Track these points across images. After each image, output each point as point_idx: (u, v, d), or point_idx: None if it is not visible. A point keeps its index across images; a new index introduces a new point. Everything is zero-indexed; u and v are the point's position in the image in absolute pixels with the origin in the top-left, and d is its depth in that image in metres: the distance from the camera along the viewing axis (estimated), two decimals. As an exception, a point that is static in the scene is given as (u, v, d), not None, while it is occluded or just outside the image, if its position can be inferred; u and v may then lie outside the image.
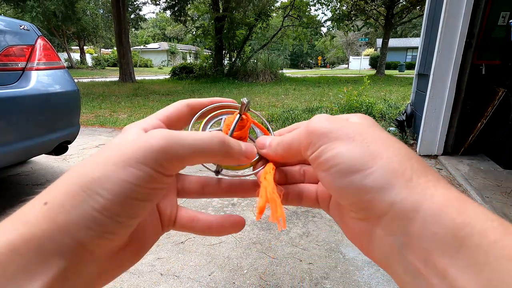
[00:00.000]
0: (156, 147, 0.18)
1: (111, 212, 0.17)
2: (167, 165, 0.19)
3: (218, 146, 0.21)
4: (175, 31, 50.71)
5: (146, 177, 0.18)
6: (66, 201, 0.17)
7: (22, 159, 2.05)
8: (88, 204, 0.17)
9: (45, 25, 25.20)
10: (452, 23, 2.83)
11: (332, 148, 0.21)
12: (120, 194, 0.17)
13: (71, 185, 0.18)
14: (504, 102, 2.83)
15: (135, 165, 0.18)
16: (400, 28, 41.07)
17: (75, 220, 0.17)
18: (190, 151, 0.20)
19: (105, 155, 0.19)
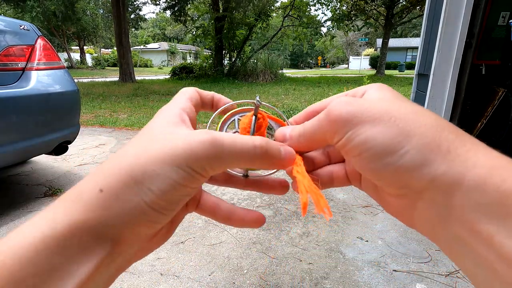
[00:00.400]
0: (205, 153, 0.20)
1: (158, 206, 0.19)
2: (211, 170, 0.21)
3: (261, 153, 0.22)
4: (175, 31, 50.72)
5: (192, 178, 0.20)
6: (120, 191, 0.19)
7: (22, 159, 2.05)
8: (140, 197, 0.19)
9: (45, 25, 25.19)
10: (452, 23, 2.83)
11: (359, 133, 0.20)
12: (167, 191, 0.19)
13: (124, 176, 0.19)
14: (504, 102, 2.83)
15: (184, 167, 0.19)
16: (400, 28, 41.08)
17: (127, 210, 0.19)
18: (235, 159, 0.21)
19: (157, 148, 0.20)
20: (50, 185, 2.47)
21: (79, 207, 0.18)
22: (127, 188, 0.19)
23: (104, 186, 0.19)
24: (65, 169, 2.84)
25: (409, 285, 1.41)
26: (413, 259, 1.59)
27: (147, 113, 5.77)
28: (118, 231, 0.19)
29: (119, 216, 0.18)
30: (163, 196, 0.19)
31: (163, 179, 0.19)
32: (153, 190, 0.19)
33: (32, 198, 2.26)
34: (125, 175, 0.19)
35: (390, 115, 0.19)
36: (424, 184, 0.18)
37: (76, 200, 0.19)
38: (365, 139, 0.19)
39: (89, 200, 0.18)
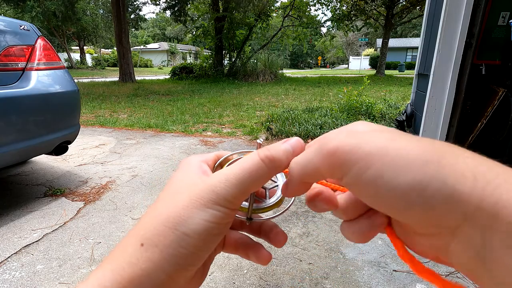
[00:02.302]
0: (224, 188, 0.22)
1: (196, 248, 0.21)
2: (235, 201, 0.22)
3: (269, 161, 0.22)
4: (175, 31, 50.70)
5: (221, 214, 0.21)
6: (159, 242, 0.20)
7: (22, 159, 2.05)
8: (177, 243, 0.20)
9: (45, 25, 25.19)
10: (452, 23, 2.83)
11: (367, 168, 0.17)
12: (202, 231, 0.21)
13: (161, 227, 0.21)
14: (504, 102, 2.83)
15: (211, 206, 0.21)
16: (400, 28, 41.09)
17: (167, 257, 0.20)
18: (251, 181, 0.22)
19: (185, 197, 0.22)
20: (50, 185, 2.47)
21: (126, 264, 0.20)
22: (164, 237, 0.20)
23: (144, 240, 0.21)
24: (65, 169, 2.84)
25: (409, 285, 1.41)
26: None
27: (147, 113, 5.78)
28: (161, 281, 0.20)
29: (160, 264, 0.20)
30: (199, 236, 0.21)
31: (196, 221, 0.21)
32: (188, 234, 0.20)
33: (32, 198, 2.26)
34: (162, 224, 0.21)
35: (397, 146, 0.17)
36: (458, 220, 0.16)
37: (122, 257, 0.21)
38: (378, 173, 0.17)
39: (133, 255, 0.20)
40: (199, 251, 0.21)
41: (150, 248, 0.20)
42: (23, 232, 1.82)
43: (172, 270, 0.20)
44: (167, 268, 0.20)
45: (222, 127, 4.68)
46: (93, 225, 1.91)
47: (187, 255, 0.20)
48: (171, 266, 0.20)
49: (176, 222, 0.21)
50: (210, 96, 8.26)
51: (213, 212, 0.21)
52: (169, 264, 0.20)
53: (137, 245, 0.21)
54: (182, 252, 0.20)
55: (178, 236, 0.20)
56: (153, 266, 0.20)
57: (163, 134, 4.23)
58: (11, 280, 1.44)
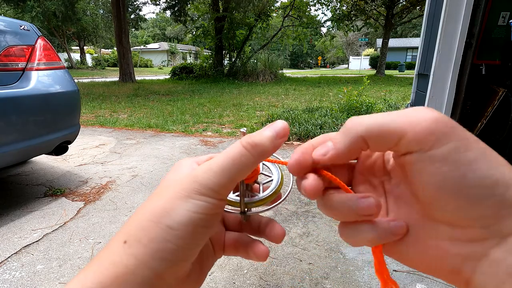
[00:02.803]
0: (203, 178, 0.21)
1: (182, 240, 0.20)
2: (220, 190, 0.21)
3: (246, 151, 0.21)
4: (175, 31, 50.70)
5: (206, 204, 0.20)
6: (142, 236, 0.20)
7: (22, 159, 2.05)
8: (162, 237, 0.19)
9: (45, 25, 25.19)
10: (452, 23, 2.83)
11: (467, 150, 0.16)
12: (187, 223, 0.20)
13: (145, 222, 0.20)
14: (504, 102, 2.83)
15: (194, 196, 0.20)
16: (400, 28, 41.09)
17: (152, 252, 0.19)
18: (235, 170, 0.21)
19: (170, 191, 0.21)
20: (50, 185, 2.47)
21: (109, 264, 0.19)
22: (148, 232, 0.20)
23: (127, 237, 0.20)
24: (65, 169, 2.84)
25: (410, 285, 1.41)
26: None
27: (147, 113, 5.78)
28: (147, 277, 0.19)
29: (145, 260, 0.19)
30: (184, 228, 0.20)
31: (180, 212, 0.20)
32: (173, 226, 0.20)
33: (32, 198, 2.26)
34: (145, 219, 0.20)
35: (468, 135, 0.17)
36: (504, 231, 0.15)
37: (106, 257, 0.20)
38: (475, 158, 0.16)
39: (117, 254, 0.20)
40: (187, 245, 0.20)
41: (134, 244, 0.19)
42: (23, 232, 1.82)
43: (158, 266, 0.19)
44: (153, 264, 0.19)
45: (222, 127, 4.68)
46: (93, 225, 1.91)
47: (173, 249, 0.19)
48: (156, 262, 0.19)
49: (160, 215, 0.20)
50: (210, 96, 8.26)
51: (197, 203, 0.20)
52: (154, 259, 0.19)
53: (120, 243, 0.20)
54: (168, 247, 0.19)
55: (163, 229, 0.19)
56: (137, 263, 0.19)
57: (163, 134, 4.23)
58: (11, 280, 1.44)
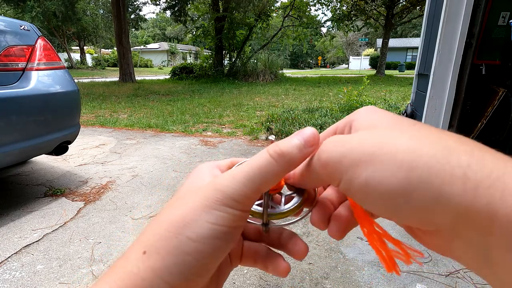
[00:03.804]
0: (227, 188, 0.20)
1: (201, 254, 0.19)
2: (244, 201, 0.20)
3: (273, 161, 0.20)
4: (175, 31, 50.71)
5: (229, 216, 0.19)
6: (161, 248, 0.19)
7: (22, 159, 2.05)
8: (181, 249, 0.19)
9: (45, 25, 25.19)
10: (452, 23, 2.83)
11: (356, 177, 0.17)
12: (208, 235, 0.19)
13: (163, 231, 0.19)
14: (504, 102, 2.83)
15: (217, 206, 0.19)
16: (400, 28, 41.09)
17: (169, 265, 0.18)
18: (259, 179, 0.20)
19: (191, 200, 0.20)
20: (50, 185, 2.47)
21: (126, 274, 0.19)
22: (167, 243, 0.19)
23: (146, 248, 0.19)
24: (65, 169, 2.84)
25: (409, 285, 1.41)
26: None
27: (147, 113, 5.78)
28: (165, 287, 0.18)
29: (161, 273, 0.18)
30: (204, 241, 0.19)
31: (200, 224, 0.19)
32: (193, 238, 0.19)
33: (32, 198, 2.26)
34: (164, 229, 0.19)
35: (384, 148, 0.17)
36: (451, 221, 0.15)
37: (123, 266, 0.19)
38: (365, 182, 0.17)
39: (134, 264, 0.19)
40: (206, 259, 0.19)
41: (153, 256, 0.19)
42: (23, 232, 1.82)
43: (175, 280, 0.18)
44: (169, 278, 0.18)
45: (222, 127, 4.68)
46: (93, 225, 1.91)
47: (192, 263, 0.19)
48: (174, 276, 0.18)
49: (180, 226, 0.19)
50: (210, 96, 8.26)
51: (220, 214, 0.19)
52: (171, 274, 0.18)
53: (140, 253, 0.19)
54: (186, 260, 0.18)
55: (182, 241, 0.19)
56: (154, 276, 0.18)
57: (163, 134, 4.23)
58: (11, 280, 1.44)
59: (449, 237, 0.16)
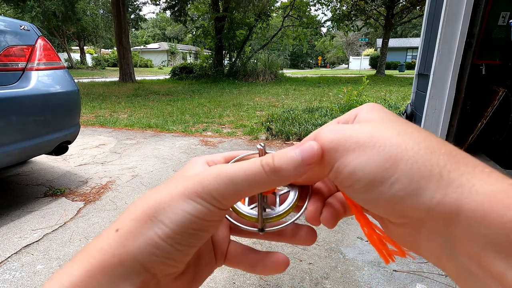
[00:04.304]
0: (213, 183, 0.20)
1: (173, 240, 0.19)
2: (222, 200, 0.20)
3: (265, 175, 0.20)
4: (175, 31, 50.71)
5: (204, 210, 0.20)
6: (134, 227, 0.19)
7: (23, 159, 2.05)
8: (153, 231, 0.19)
9: (45, 25, 25.20)
10: (452, 23, 2.83)
11: (346, 164, 0.19)
12: (180, 224, 0.19)
13: (139, 213, 0.20)
14: (504, 102, 2.83)
15: (194, 198, 0.19)
16: (400, 28, 41.10)
17: (142, 245, 0.19)
18: (245, 185, 0.20)
19: (172, 186, 0.21)
20: (50, 185, 2.47)
21: (96, 251, 0.19)
22: (141, 224, 0.19)
23: (120, 226, 0.19)
24: (65, 169, 2.84)
25: (409, 285, 1.41)
26: (413, 259, 1.59)
27: (147, 113, 5.78)
28: (135, 270, 0.19)
29: (134, 252, 0.18)
30: (176, 228, 0.19)
31: (175, 211, 0.19)
32: (166, 223, 0.19)
33: (32, 198, 2.26)
34: (140, 212, 0.20)
35: (375, 140, 0.18)
36: (422, 214, 0.17)
37: (95, 244, 0.19)
38: (353, 169, 0.18)
39: (106, 241, 0.19)
40: (177, 244, 0.19)
41: (124, 234, 0.19)
42: (23, 232, 1.82)
43: (147, 260, 0.19)
44: (142, 258, 0.18)
45: (222, 127, 4.68)
46: (93, 225, 1.91)
47: (164, 247, 0.19)
48: (145, 256, 0.18)
49: (156, 209, 0.19)
50: (210, 96, 8.26)
51: (195, 206, 0.19)
52: (143, 253, 0.18)
53: (112, 231, 0.19)
54: (158, 242, 0.19)
55: (155, 224, 0.19)
56: (125, 253, 0.18)
57: (163, 134, 4.23)
58: (11, 280, 1.44)
59: (416, 227, 0.18)
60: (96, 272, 0.18)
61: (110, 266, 0.18)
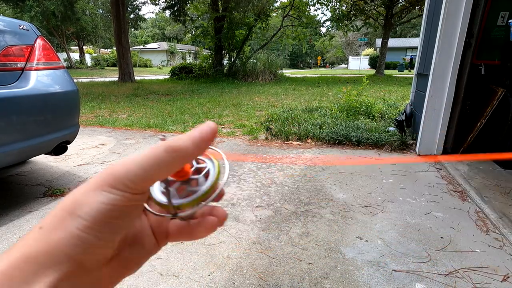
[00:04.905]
0: (118, 172, 0.21)
1: (93, 230, 0.20)
2: (133, 186, 0.21)
3: (167, 154, 0.22)
4: (175, 31, 50.64)
5: (117, 197, 0.21)
6: (56, 224, 0.20)
7: (22, 159, 2.04)
8: (73, 225, 0.20)
9: (44, 25, 25.15)
10: (451, 23, 2.83)
11: None
12: (97, 214, 0.20)
13: (59, 211, 0.21)
14: (503, 102, 2.83)
15: (107, 188, 0.21)
16: (399, 28, 41.12)
17: (64, 239, 0.20)
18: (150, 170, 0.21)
19: (85, 184, 0.22)
20: (49, 185, 2.47)
21: (22, 246, 0.20)
22: (62, 220, 0.20)
23: (43, 224, 0.21)
24: (65, 169, 2.84)
25: (409, 285, 1.42)
26: (412, 259, 1.59)
27: (146, 113, 5.77)
28: (60, 260, 0.20)
29: (57, 245, 0.20)
30: (93, 219, 0.20)
31: (90, 203, 0.21)
32: (82, 216, 0.20)
33: (32, 198, 2.25)
34: (60, 209, 0.21)
35: None
36: None
37: (21, 241, 0.21)
38: None
39: (31, 238, 0.20)
40: (98, 234, 0.20)
41: (48, 230, 0.20)
42: (22, 232, 1.82)
43: (71, 251, 0.20)
44: (65, 249, 0.20)
45: (222, 127, 4.67)
46: (93, 225, 1.90)
47: (85, 237, 0.20)
48: (69, 247, 0.20)
49: (72, 206, 0.21)
50: (210, 96, 8.25)
51: (107, 195, 0.21)
52: (66, 245, 0.20)
53: (36, 229, 0.21)
54: (79, 234, 0.20)
55: (74, 219, 0.20)
56: (49, 246, 0.20)
57: (162, 134, 4.22)
58: (10, 280, 1.43)
59: None
60: (20, 262, 0.19)
61: (35, 256, 0.19)
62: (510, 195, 2.26)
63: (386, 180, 2.60)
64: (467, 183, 2.44)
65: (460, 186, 2.45)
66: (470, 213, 2.05)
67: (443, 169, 2.85)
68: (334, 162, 3.09)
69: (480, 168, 2.78)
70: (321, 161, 3.10)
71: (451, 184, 2.51)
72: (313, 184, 2.53)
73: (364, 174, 2.73)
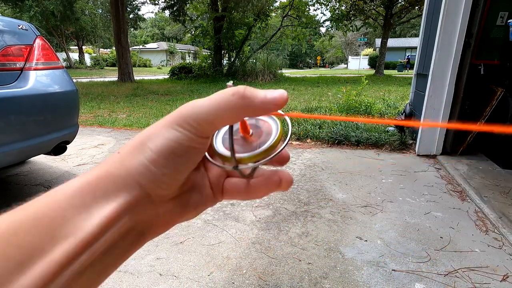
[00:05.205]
0: (186, 112, 0.23)
1: (157, 163, 0.22)
2: (198, 126, 0.23)
3: (233, 98, 0.22)
4: (174, 31, 50.60)
5: (182, 136, 0.22)
6: (130, 151, 0.23)
7: (21, 159, 2.04)
8: (143, 155, 0.22)
9: (44, 25, 25.11)
10: (450, 23, 2.84)
11: None
12: (163, 149, 0.22)
13: (135, 140, 0.24)
14: (503, 102, 2.84)
15: (174, 126, 0.23)
16: (399, 28, 41.15)
17: (135, 165, 0.22)
18: (215, 113, 0.22)
19: (164, 119, 0.24)
20: (48, 185, 2.47)
21: (104, 165, 0.23)
22: (136, 148, 0.23)
23: (121, 150, 0.24)
24: (64, 169, 2.84)
25: (408, 284, 1.42)
26: (412, 259, 1.59)
27: (146, 113, 5.77)
28: (131, 184, 0.22)
29: (129, 169, 0.22)
30: (159, 152, 0.22)
31: (159, 138, 0.22)
32: (151, 148, 0.22)
33: (31, 198, 2.25)
34: (136, 139, 0.24)
35: None
36: None
37: (104, 161, 0.23)
38: None
39: (111, 159, 0.23)
40: (162, 168, 0.22)
41: (124, 155, 0.23)
42: (21, 232, 1.82)
43: (141, 179, 0.22)
44: (136, 175, 0.22)
45: (221, 127, 4.67)
46: (92, 225, 1.90)
47: (151, 169, 0.22)
48: (139, 175, 0.22)
49: (146, 137, 0.23)
50: (209, 96, 8.24)
51: (174, 132, 0.22)
52: (137, 172, 0.22)
53: (116, 153, 0.23)
54: (146, 165, 0.22)
55: (145, 150, 0.22)
56: (123, 169, 0.22)
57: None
58: (9, 280, 1.43)
59: None
60: (104, 177, 0.22)
61: (113, 175, 0.22)
62: (510, 195, 2.26)
63: (386, 180, 2.60)
64: (467, 183, 2.45)
65: (459, 186, 2.46)
66: (470, 213, 2.05)
67: (443, 169, 2.85)
68: (334, 162, 3.09)
69: (480, 168, 2.78)
70: (321, 161, 3.10)
71: (450, 184, 2.51)
72: (313, 184, 2.53)
73: (364, 174, 2.73)
